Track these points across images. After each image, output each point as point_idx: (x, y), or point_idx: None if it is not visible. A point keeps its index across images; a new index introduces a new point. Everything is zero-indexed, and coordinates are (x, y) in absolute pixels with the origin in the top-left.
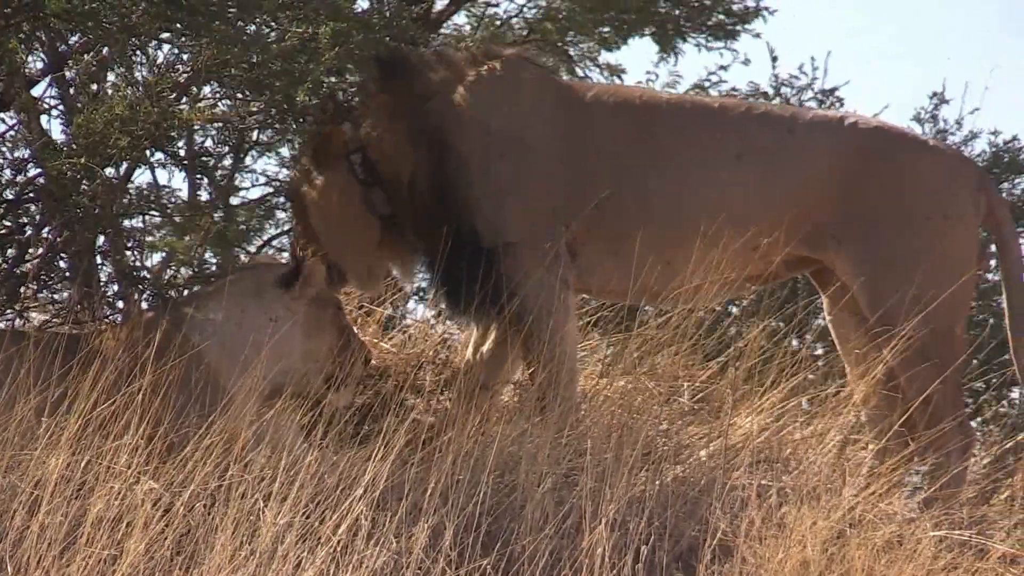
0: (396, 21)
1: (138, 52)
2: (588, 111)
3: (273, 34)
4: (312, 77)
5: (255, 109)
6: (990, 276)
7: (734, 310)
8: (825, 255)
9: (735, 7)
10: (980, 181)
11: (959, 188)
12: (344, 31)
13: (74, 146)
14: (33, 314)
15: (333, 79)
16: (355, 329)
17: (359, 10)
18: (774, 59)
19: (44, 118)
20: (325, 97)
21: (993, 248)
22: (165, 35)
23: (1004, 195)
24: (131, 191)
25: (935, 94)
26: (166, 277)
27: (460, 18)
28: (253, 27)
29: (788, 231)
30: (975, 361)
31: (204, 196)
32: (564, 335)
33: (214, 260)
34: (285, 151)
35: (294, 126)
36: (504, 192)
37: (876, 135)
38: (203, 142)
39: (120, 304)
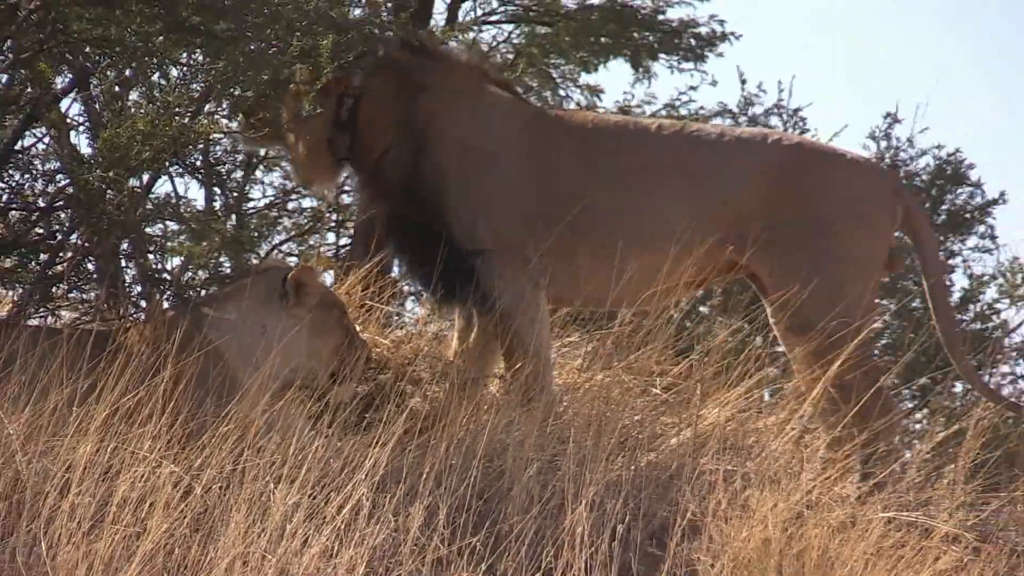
0: (390, 31)
1: (158, 72)
2: (549, 133)
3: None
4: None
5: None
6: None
7: (703, 310)
8: (750, 260)
9: (703, 31)
10: (897, 190)
11: (872, 196)
12: (342, 42)
13: (100, 159)
14: (64, 312)
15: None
16: (357, 329)
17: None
18: (743, 81)
19: (72, 133)
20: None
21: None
22: (184, 57)
23: (947, 204)
24: (152, 200)
25: (888, 115)
26: (185, 279)
27: (451, 44)
28: (261, 48)
29: (718, 239)
30: (922, 359)
31: (218, 205)
32: (538, 331)
33: (229, 264)
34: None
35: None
36: (479, 204)
37: (796, 150)
38: (219, 155)
39: (143, 304)
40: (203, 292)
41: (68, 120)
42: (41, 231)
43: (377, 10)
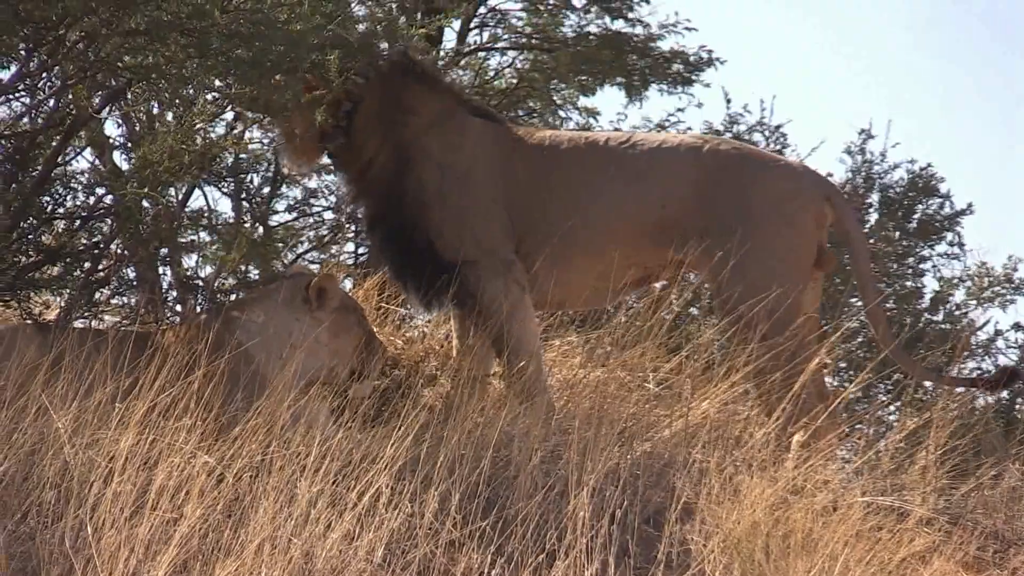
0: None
1: (190, 94)
2: (513, 151)
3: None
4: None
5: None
6: (909, 283)
7: (694, 311)
8: (689, 257)
9: (691, 58)
10: (827, 193)
11: (800, 197)
12: (351, 58)
13: (136, 173)
14: (106, 316)
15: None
16: (374, 330)
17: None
18: (728, 101)
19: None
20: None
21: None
22: (216, 83)
23: (919, 214)
24: (186, 213)
25: (862, 131)
26: (217, 285)
27: (460, 70)
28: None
29: (659, 240)
30: None
31: (247, 217)
32: (527, 329)
33: (256, 271)
34: (312, 182)
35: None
36: (459, 218)
37: (731, 155)
38: (248, 171)
39: (179, 308)
40: (233, 297)
41: (111, 141)
42: (84, 240)
43: (393, 30)
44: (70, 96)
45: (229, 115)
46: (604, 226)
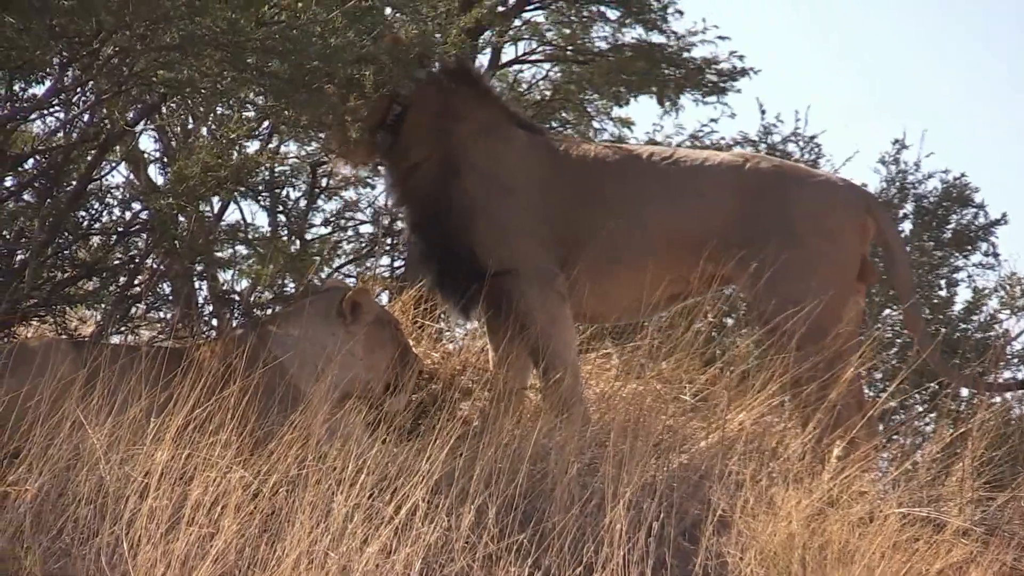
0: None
1: (225, 110)
2: (558, 162)
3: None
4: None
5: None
6: (943, 293)
7: (729, 322)
8: (730, 273)
9: (724, 68)
10: (868, 207)
11: (839, 212)
12: (388, 75)
13: (171, 188)
14: (142, 331)
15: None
16: (410, 343)
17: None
18: (762, 111)
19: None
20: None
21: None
22: (251, 96)
23: (953, 224)
24: (223, 227)
25: (896, 140)
26: (253, 299)
27: (494, 82)
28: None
29: (699, 255)
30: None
31: (283, 231)
32: (565, 341)
33: (292, 285)
34: (349, 194)
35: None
36: (503, 229)
37: (772, 172)
38: (283, 185)
39: (214, 322)
40: (268, 311)
41: (146, 156)
42: (120, 255)
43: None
44: (103, 111)
45: (265, 128)
46: (646, 240)
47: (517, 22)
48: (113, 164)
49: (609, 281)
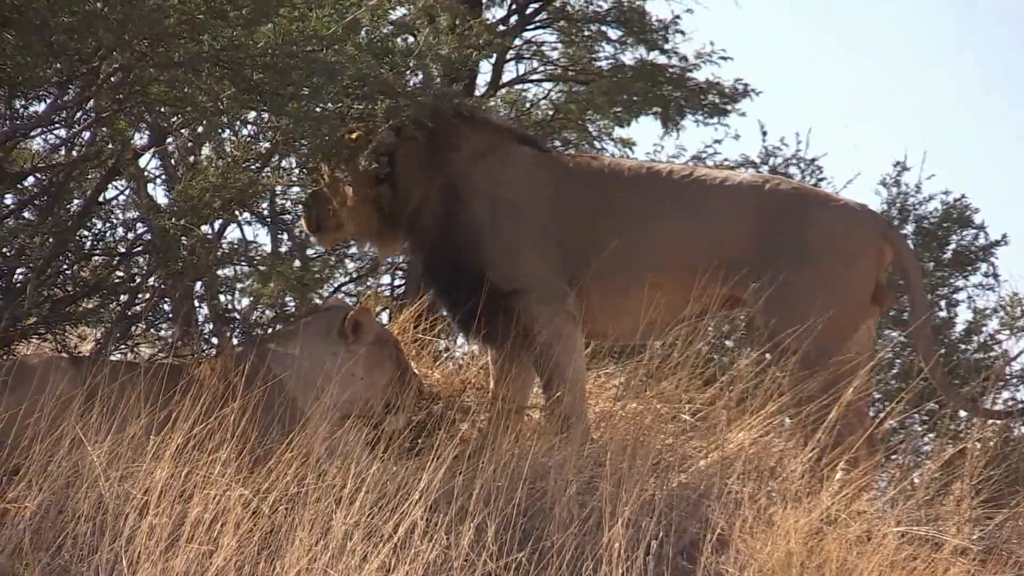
0: (441, 95)
1: (227, 129)
2: (568, 181)
3: (337, 109)
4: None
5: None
6: (942, 314)
7: (728, 343)
8: (744, 294)
9: (726, 89)
10: (885, 232)
11: (856, 236)
12: (397, 107)
13: (175, 208)
14: (142, 348)
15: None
16: (410, 363)
17: (408, 87)
18: (764, 133)
19: (150, 185)
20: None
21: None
22: (250, 114)
23: (954, 245)
24: (223, 246)
25: (898, 163)
26: (253, 318)
27: (496, 101)
28: (320, 107)
29: (716, 275)
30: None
31: (284, 249)
32: (576, 363)
33: (293, 303)
34: None
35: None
36: (512, 248)
37: (790, 194)
38: (283, 203)
39: (215, 340)
40: (269, 330)
41: (146, 173)
42: (121, 274)
43: (431, 81)
44: (103, 129)
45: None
46: (663, 259)
47: (518, 41)
48: (119, 188)
49: (627, 299)
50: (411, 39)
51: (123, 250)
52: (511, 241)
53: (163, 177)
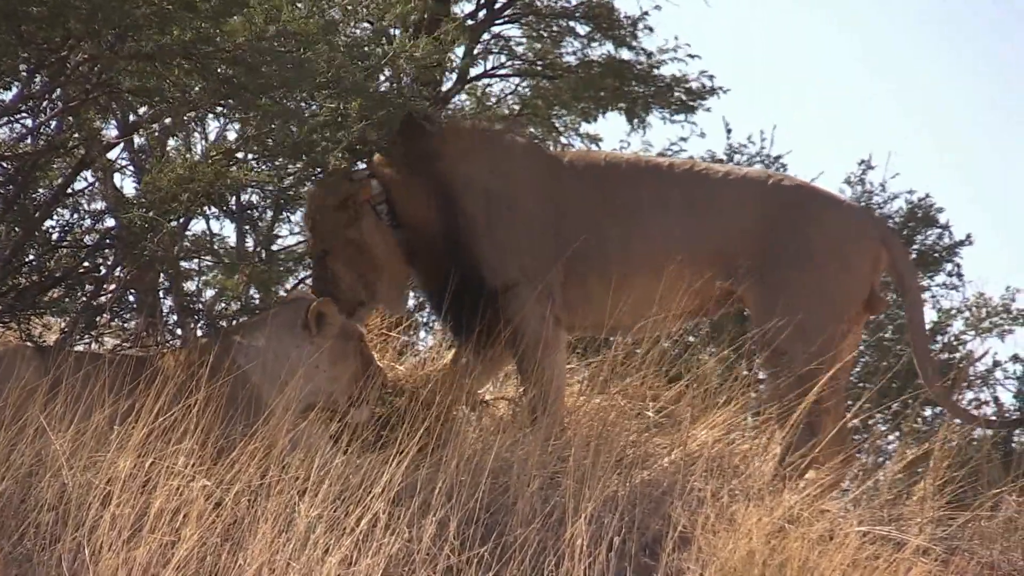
0: (412, 99)
1: (196, 123)
2: (564, 174)
3: (309, 108)
4: (344, 144)
5: (292, 170)
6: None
7: (692, 340)
8: (742, 290)
9: (693, 86)
10: (884, 237)
11: (857, 239)
12: (369, 107)
13: (142, 200)
14: (107, 339)
15: (359, 146)
16: (375, 356)
17: (382, 89)
18: (728, 131)
19: (118, 177)
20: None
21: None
22: (219, 108)
23: (918, 244)
24: (188, 238)
25: (862, 161)
26: (217, 310)
27: (463, 96)
28: (292, 103)
29: (716, 270)
30: (894, 385)
31: (250, 243)
32: (554, 361)
33: (258, 296)
34: None
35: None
36: (505, 243)
37: (795, 191)
38: (249, 198)
39: (179, 332)
40: (233, 322)
41: (114, 165)
42: (87, 265)
43: (401, 85)
44: (70, 119)
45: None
46: (665, 252)
47: (486, 36)
48: (87, 180)
49: (628, 292)
50: (385, 43)
51: (90, 242)
52: (504, 236)
53: (131, 169)
